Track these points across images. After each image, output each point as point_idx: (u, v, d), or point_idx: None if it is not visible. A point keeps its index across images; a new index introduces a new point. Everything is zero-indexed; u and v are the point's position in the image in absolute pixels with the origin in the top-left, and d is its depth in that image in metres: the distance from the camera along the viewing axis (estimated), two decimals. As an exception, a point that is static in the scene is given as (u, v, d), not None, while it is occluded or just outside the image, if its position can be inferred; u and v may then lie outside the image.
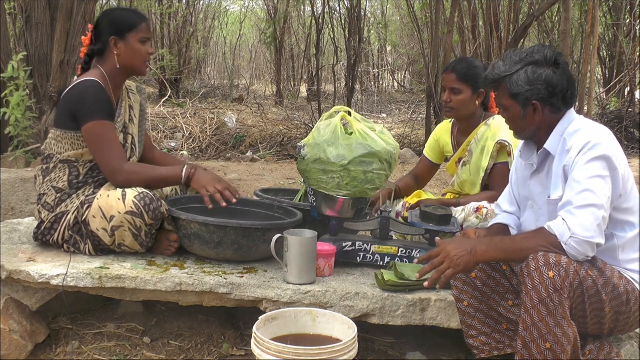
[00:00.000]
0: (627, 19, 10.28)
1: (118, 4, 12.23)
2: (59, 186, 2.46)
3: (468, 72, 2.75)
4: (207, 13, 14.71)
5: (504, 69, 2.01)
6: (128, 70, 2.53)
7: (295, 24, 14.95)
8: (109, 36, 2.47)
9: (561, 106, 2.01)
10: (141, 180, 2.41)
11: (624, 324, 1.97)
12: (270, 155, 7.28)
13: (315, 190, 2.44)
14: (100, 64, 2.51)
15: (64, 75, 5.19)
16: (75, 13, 5.19)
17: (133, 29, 2.48)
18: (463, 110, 2.79)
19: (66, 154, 2.45)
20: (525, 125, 2.04)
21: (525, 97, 1.99)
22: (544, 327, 1.79)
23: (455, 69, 2.77)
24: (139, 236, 2.37)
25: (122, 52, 2.48)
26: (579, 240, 1.80)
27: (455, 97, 2.76)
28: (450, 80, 2.77)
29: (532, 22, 7.67)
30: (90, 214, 2.36)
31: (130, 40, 2.48)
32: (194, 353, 2.34)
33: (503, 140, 2.70)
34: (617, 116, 8.56)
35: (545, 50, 2.00)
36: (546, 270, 1.78)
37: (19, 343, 2.23)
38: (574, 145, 1.92)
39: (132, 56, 2.49)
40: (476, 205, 2.64)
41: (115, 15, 2.57)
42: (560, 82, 1.98)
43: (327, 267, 2.39)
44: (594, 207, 1.82)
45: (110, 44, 2.47)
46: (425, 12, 9.02)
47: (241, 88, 14.34)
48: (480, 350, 2.14)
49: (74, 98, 2.42)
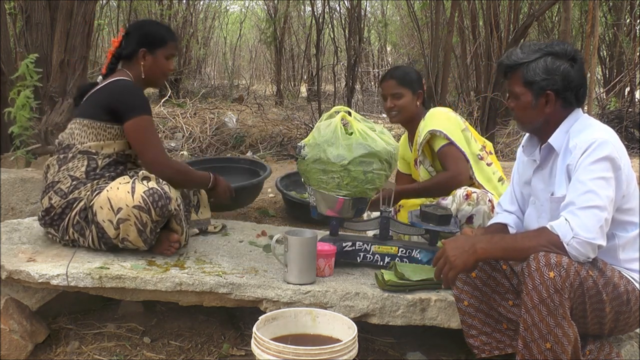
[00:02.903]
0: (627, 19, 10.28)
1: (118, 4, 12.25)
2: (76, 175, 2.49)
3: (405, 76, 2.95)
4: (207, 13, 14.71)
5: (521, 55, 2.01)
6: (149, 81, 2.69)
7: (295, 24, 14.94)
8: (140, 47, 2.62)
9: (573, 102, 2.01)
10: (184, 178, 2.63)
11: (624, 324, 1.97)
12: (270, 155, 7.28)
13: (315, 190, 2.44)
14: (126, 68, 2.65)
15: (64, 75, 5.19)
16: (75, 13, 5.18)
17: (163, 46, 2.65)
18: (407, 112, 2.97)
19: (87, 144, 2.50)
20: (534, 116, 2.03)
21: (540, 86, 1.98)
22: (545, 327, 1.79)
23: (393, 76, 2.97)
24: (143, 232, 2.37)
25: (149, 64, 2.64)
26: (581, 241, 1.80)
27: (397, 101, 2.95)
28: (390, 87, 2.96)
29: (532, 22, 7.66)
30: (98, 204, 2.37)
31: (158, 55, 2.65)
32: (194, 353, 2.34)
33: (433, 130, 2.82)
34: (617, 116, 8.54)
35: (565, 45, 2.01)
36: (547, 270, 1.78)
37: (19, 343, 2.23)
38: (578, 145, 1.91)
39: (156, 70, 2.66)
40: (464, 192, 2.66)
41: (150, 29, 2.71)
42: (576, 77, 1.99)
43: (327, 267, 2.39)
44: (596, 209, 1.82)
45: (139, 54, 2.62)
46: (425, 12, 9.02)
47: (241, 88, 14.32)
48: (480, 350, 2.14)
49: (118, 94, 2.53)
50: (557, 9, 9.48)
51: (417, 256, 2.47)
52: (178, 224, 2.50)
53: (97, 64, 10.83)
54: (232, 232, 2.95)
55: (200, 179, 2.74)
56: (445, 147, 2.83)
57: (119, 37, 2.69)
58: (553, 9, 9.33)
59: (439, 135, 2.83)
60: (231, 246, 2.73)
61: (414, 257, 2.47)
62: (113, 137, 2.53)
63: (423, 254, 2.47)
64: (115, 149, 2.55)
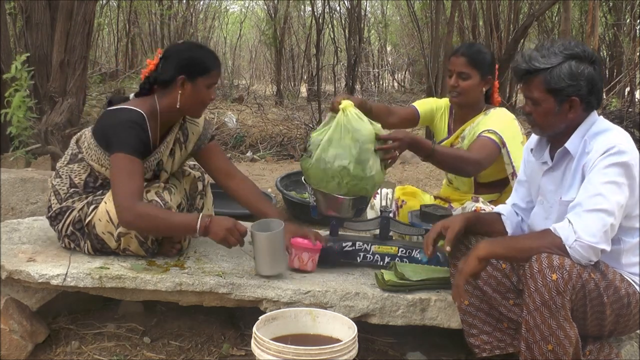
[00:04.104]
0: (627, 19, 10.29)
1: (118, 4, 12.24)
2: (75, 181, 2.43)
3: (478, 56, 2.68)
4: (207, 13, 14.73)
5: (542, 60, 1.90)
6: (184, 111, 2.44)
7: (295, 24, 14.95)
8: (179, 74, 2.35)
9: (594, 105, 1.95)
10: (151, 224, 2.24)
11: (623, 326, 1.97)
12: (270, 155, 7.28)
13: (315, 190, 2.44)
14: (159, 95, 2.41)
15: (64, 75, 5.19)
16: (75, 13, 5.19)
17: (205, 74, 2.37)
18: (469, 96, 2.71)
19: (91, 162, 2.41)
20: (556, 122, 1.95)
21: (565, 93, 1.90)
22: (547, 329, 1.79)
23: (465, 53, 2.68)
24: (145, 243, 2.37)
25: (187, 93, 2.37)
26: (584, 245, 1.78)
27: (463, 82, 2.68)
28: (459, 64, 2.68)
29: (532, 22, 7.68)
30: (96, 217, 2.34)
31: (198, 84, 2.37)
32: (194, 353, 2.34)
33: (493, 130, 2.61)
34: (617, 116, 8.55)
35: (584, 46, 1.93)
36: (549, 272, 1.76)
37: (19, 343, 2.23)
38: (595, 148, 1.88)
39: (195, 100, 2.40)
40: (473, 208, 2.62)
41: (192, 54, 2.40)
42: (599, 80, 1.92)
43: (311, 261, 2.40)
44: (603, 213, 1.80)
45: (177, 82, 2.36)
46: (425, 12, 9.03)
47: (241, 88, 14.33)
48: (481, 349, 2.14)
49: (111, 126, 2.33)
50: (557, 9, 9.48)
51: (417, 256, 2.47)
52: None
53: (97, 64, 10.83)
54: (232, 232, 2.94)
55: (179, 224, 2.27)
56: (486, 137, 2.59)
57: (156, 58, 2.44)
58: (553, 9, 9.34)
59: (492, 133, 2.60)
60: (231, 246, 2.73)
61: (414, 257, 2.47)
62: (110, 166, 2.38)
63: (423, 254, 2.46)
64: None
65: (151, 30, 12.36)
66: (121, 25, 12.47)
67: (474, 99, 2.73)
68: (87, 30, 5.28)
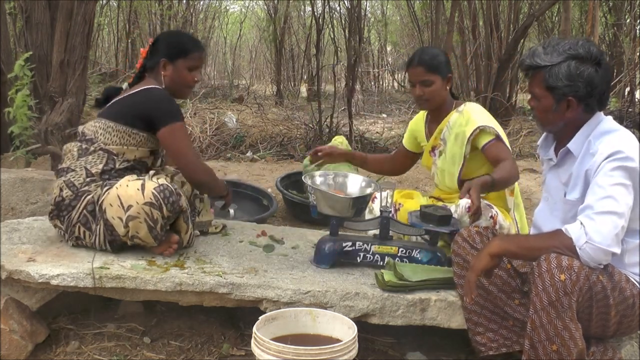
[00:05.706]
0: (627, 19, 10.29)
1: (118, 4, 12.24)
2: (92, 171, 2.48)
3: (434, 61, 2.76)
4: (207, 13, 14.72)
5: (544, 57, 1.94)
6: (170, 93, 2.59)
7: (295, 24, 14.95)
8: (161, 57, 2.57)
9: (595, 107, 1.96)
10: (212, 179, 2.63)
11: (626, 327, 1.97)
12: (270, 155, 7.28)
13: (315, 189, 2.45)
14: (152, 78, 2.60)
15: (64, 75, 5.18)
16: (75, 13, 5.17)
17: (184, 56, 2.58)
18: (437, 100, 2.80)
19: (111, 145, 2.50)
20: (554, 119, 2.00)
21: (562, 92, 1.93)
22: (552, 329, 1.78)
23: (421, 61, 2.76)
24: (154, 228, 2.37)
25: (169, 75, 2.58)
26: (595, 247, 1.78)
27: (427, 89, 2.77)
28: (418, 73, 2.77)
29: (532, 22, 7.68)
30: (107, 202, 2.36)
31: (178, 65, 2.58)
32: (194, 353, 2.34)
33: (483, 126, 2.67)
34: (617, 116, 8.55)
35: (591, 47, 1.93)
36: (558, 272, 1.76)
37: (19, 343, 2.23)
38: (600, 150, 1.88)
39: (177, 81, 2.59)
40: (467, 204, 2.62)
41: (172, 39, 2.68)
42: (601, 83, 1.93)
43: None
44: (614, 215, 1.80)
45: (160, 65, 2.57)
46: (425, 12, 9.03)
47: (241, 88, 14.32)
48: (487, 348, 2.13)
49: (154, 101, 2.50)
50: (557, 9, 9.48)
51: (417, 256, 2.47)
52: (185, 221, 2.51)
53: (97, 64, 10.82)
54: (232, 232, 2.95)
55: (222, 186, 2.73)
56: (493, 141, 2.66)
57: (147, 47, 2.65)
58: (553, 9, 9.34)
59: (487, 131, 2.68)
60: (231, 246, 2.73)
61: (414, 257, 2.47)
62: (137, 144, 2.52)
63: (423, 254, 2.47)
64: (137, 155, 2.54)
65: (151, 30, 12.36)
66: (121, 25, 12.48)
67: (442, 99, 2.83)
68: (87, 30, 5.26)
